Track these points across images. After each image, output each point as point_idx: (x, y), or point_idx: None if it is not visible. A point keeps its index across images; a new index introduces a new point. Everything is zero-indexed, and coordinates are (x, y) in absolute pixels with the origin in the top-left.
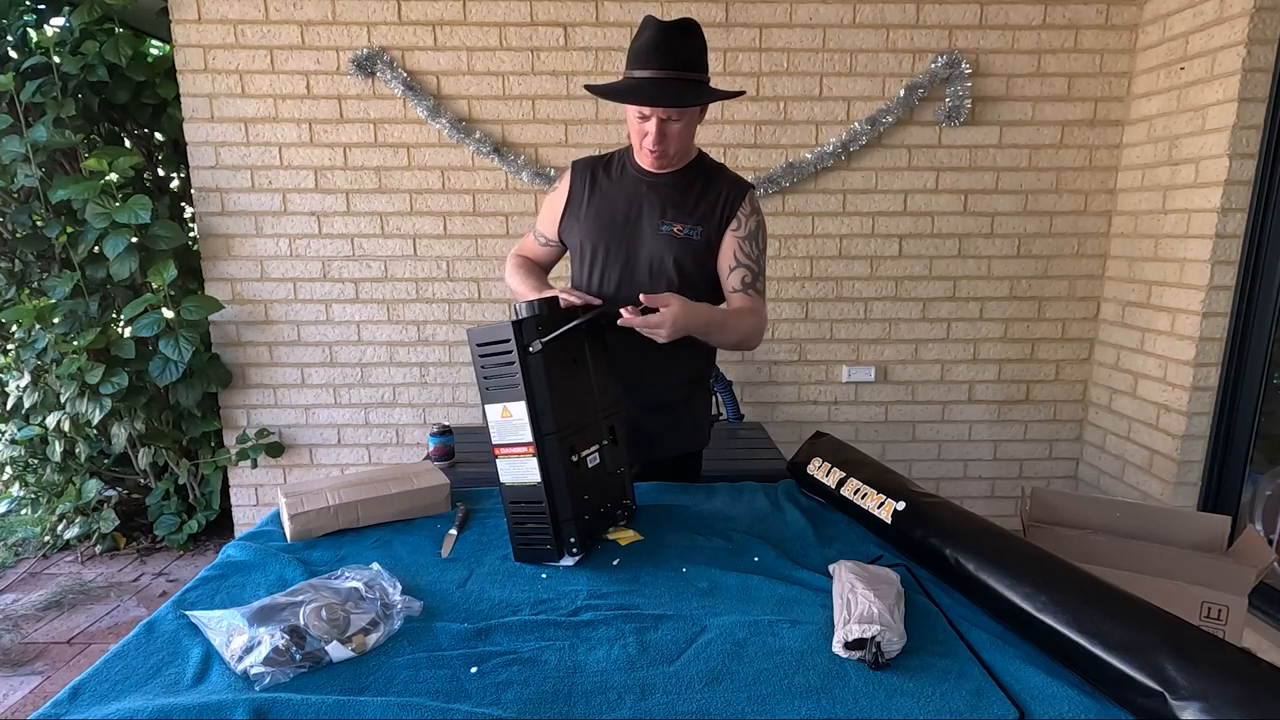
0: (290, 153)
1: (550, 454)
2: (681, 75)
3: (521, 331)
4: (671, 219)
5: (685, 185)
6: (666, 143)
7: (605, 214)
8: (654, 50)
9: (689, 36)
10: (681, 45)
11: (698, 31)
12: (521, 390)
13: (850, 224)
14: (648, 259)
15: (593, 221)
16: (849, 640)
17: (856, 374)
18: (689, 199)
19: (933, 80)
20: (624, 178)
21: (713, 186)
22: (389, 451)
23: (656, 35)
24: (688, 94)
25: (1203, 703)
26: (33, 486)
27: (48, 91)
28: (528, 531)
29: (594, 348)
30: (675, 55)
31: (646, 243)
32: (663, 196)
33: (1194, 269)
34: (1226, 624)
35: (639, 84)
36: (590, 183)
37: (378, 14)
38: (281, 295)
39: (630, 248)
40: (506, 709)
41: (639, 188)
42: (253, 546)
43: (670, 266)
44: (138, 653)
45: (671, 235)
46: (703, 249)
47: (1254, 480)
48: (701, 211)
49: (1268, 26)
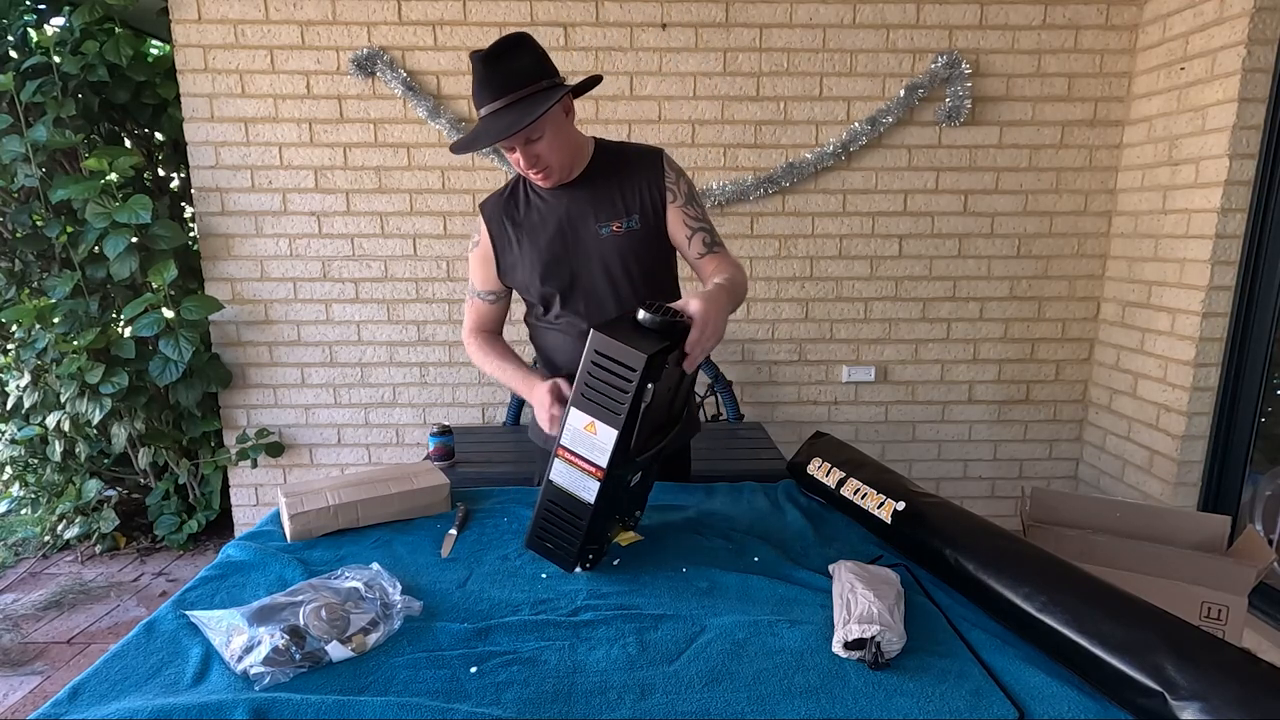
0: (290, 153)
1: (613, 485)
2: (514, 98)
3: (649, 368)
4: (606, 219)
5: (601, 182)
6: (542, 162)
7: (540, 242)
8: (481, 88)
9: (508, 55)
10: (502, 68)
11: (520, 44)
12: (621, 420)
13: (850, 224)
14: (600, 267)
15: (532, 254)
16: (849, 640)
17: (856, 374)
18: (612, 193)
19: (933, 80)
20: (540, 202)
21: (628, 172)
22: (389, 451)
23: (478, 71)
24: (522, 115)
25: (1202, 703)
26: (33, 486)
27: (48, 91)
28: (554, 535)
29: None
30: (500, 82)
31: (592, 252)
32: (586, 202)
33: (1194, 269)
34: (1226, 624)
35: (484, 124)
36: (509, 221)
37: (378, 14)
38: (281, 295)
39: (578, 263)
40: (506, 709)
41: (559, 204)
42: (253, 546)
43: (623, 265)
44: (137, 653)
45: (613, 235)
46: (649, 236)
47: (1254, 480)
48: (629, 200)
49: (1268, 27)
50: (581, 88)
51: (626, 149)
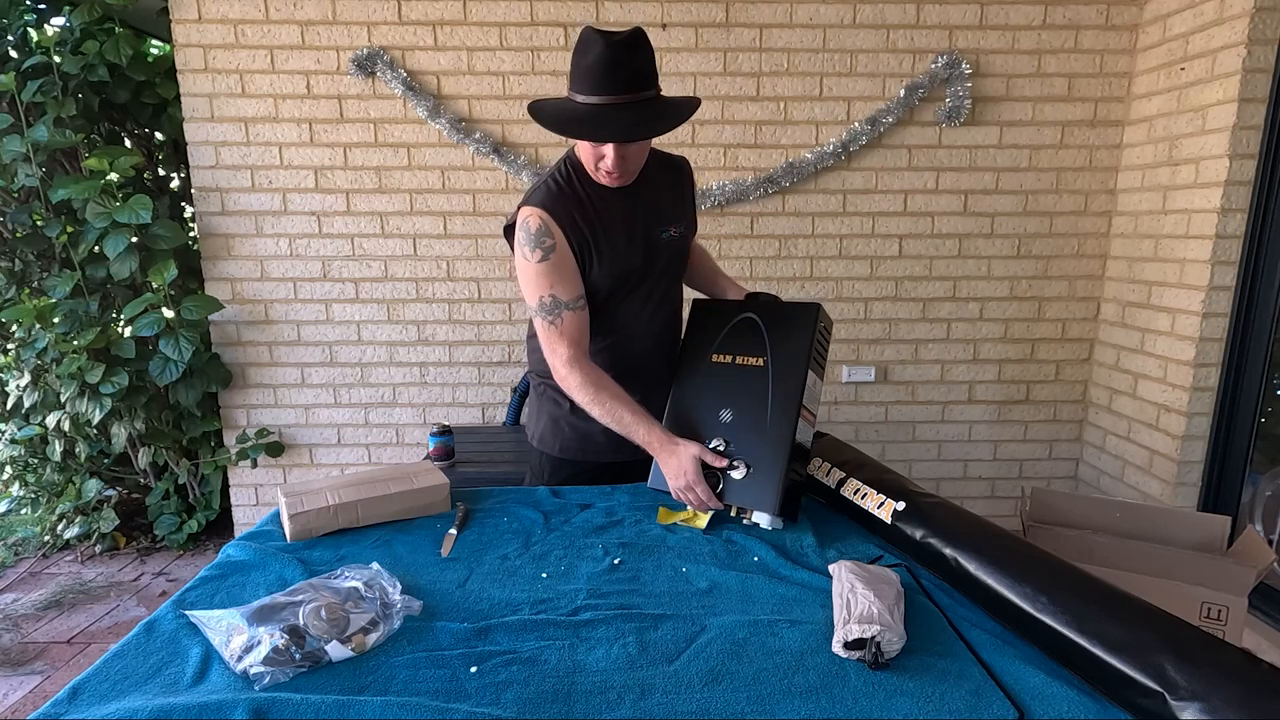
0: (290, 152)
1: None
2: (636, 97)
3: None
4: (666, 222)
5: (658, 185)
6: (628, 165)
7: (617, 242)
8: (604, 75)
9: (640, 50)
10: (634, 63)
11: (646, 42)
12: (822, 369)
13: (850, 224)
14: (663, 269)
15: (610, 255)
16: (849, 640)
17: (856, 374)
18: (667, 199)
19: (933, 80)
20: (603, 202)
21: (674, 179)
22: (389, 451)
23: (607, 55)
24: (652, 122)
25: (1202, 703)
26: (33, 486)
27: (48, 91)
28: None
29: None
30: (630, 77)
31: (658, 254)
32: (648, 205)
33: (1194, 269)
34: (1226, 624)
35: (596, 114)
36: (583, 221)
37: (378, 14)
38: (281, 295)
39: (647, 265)
40: (506, 709)
41: (621, 204)
42: (252, 546)
43: (677, 268)
44: (137, 652)
45: (671, 239)
46: (688, 242)
47: (1254, 481)
48: (679, 207)
49: (1268, 27)
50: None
51: (665, 157)
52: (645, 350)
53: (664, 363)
